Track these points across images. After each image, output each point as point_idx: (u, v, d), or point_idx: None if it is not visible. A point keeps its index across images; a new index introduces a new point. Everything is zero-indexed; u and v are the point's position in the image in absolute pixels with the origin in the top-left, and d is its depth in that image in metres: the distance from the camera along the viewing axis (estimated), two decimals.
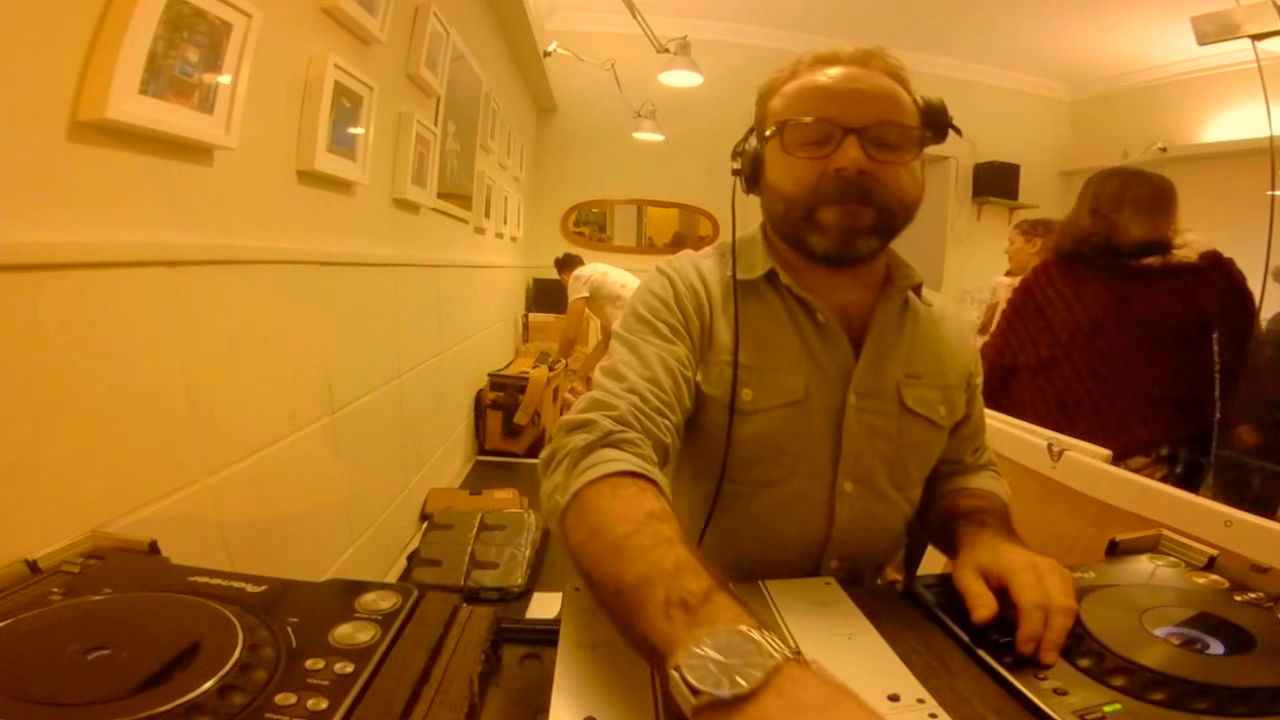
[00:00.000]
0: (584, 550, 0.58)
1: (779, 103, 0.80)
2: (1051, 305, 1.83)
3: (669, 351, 0.78)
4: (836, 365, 0.81)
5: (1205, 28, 1.77)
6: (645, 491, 0.61)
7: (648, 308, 0.82)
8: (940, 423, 0.86)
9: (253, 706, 0.44)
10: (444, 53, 2.25)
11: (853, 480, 0.82)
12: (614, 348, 0.81)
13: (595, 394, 0.74)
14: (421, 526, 2.36)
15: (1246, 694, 0.52)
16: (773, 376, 0.80)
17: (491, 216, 3.37)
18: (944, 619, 0.65)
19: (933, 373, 0.86)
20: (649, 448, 0.70)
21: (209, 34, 1.04)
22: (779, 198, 0.79)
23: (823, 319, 0.81)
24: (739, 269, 0.83)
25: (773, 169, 0.79)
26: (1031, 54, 4.80)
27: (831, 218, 0.75)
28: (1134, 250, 1.71)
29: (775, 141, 0.78)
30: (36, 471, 0.80)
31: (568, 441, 0.68)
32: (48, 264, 0.81)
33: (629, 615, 0.50)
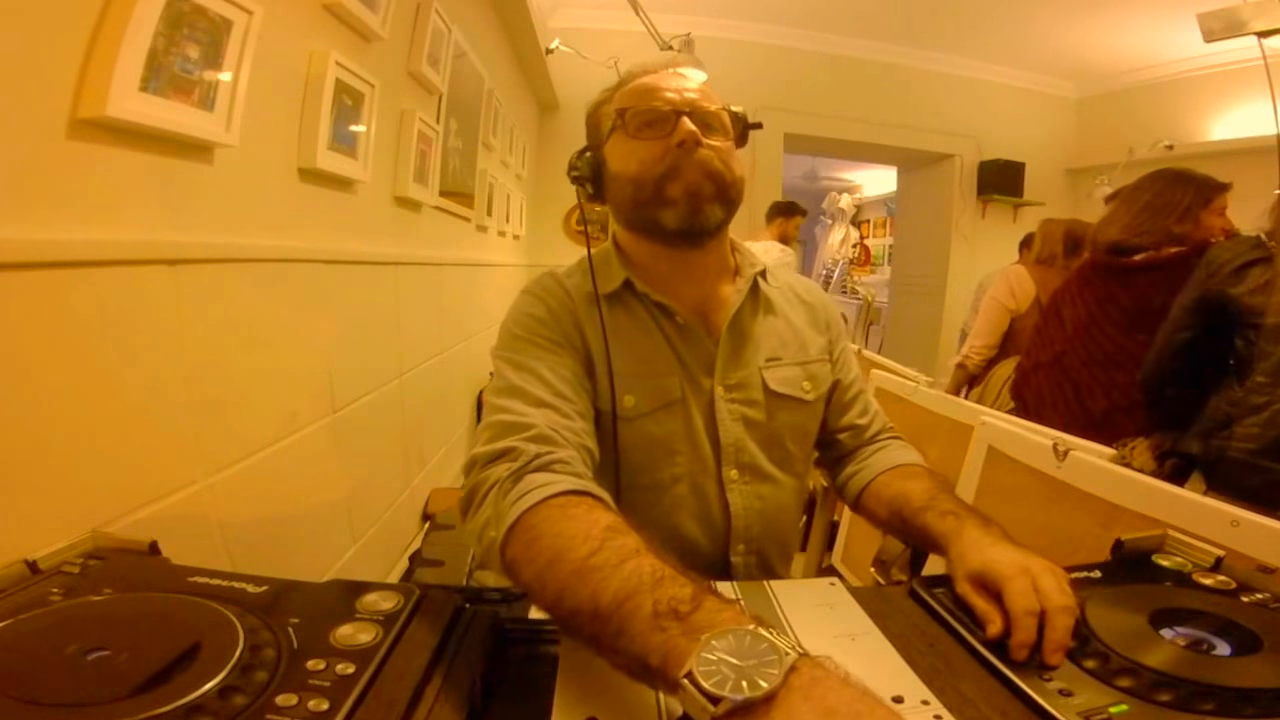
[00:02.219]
0: (544, 581, 0.55)
1: (610, 108, 0.86)
2: (1066, 306, 1.96)
3: (558, 363, 0.79)
4: (700, 362, 0.86)
5: (1211, 25, 1.77)
6: (595, 508, 0.60)
7: (523, 327, 0.83)
8: (806, 398, 0.92)
9: (254, 707, 0.44)
10: (446, 50, 2.25)
11: (736, 467, 0.87)
12: (499, 369, 0.79)
13: (501, 417, 0.71)
14: (423, 526, 2.36)
15: (1253, 695, 0.51)
16: (649, 381, 0.84)
17: (494, 215, 3.37)
18: (948, 620, 0.65)
19: (792, 351, 0.92)
20: (579, 463, 0.68)
21: (209, 31, 1.04)
22: (627, 182, 0.82)
23: (682, 320, 0.86)
24: (599, 282, 0.87)
25: (616, 160, 0.84)
26: (1037, 52, 4.79)
27: (678, 190, 0.80)
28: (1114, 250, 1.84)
29: (616, 135, 0.83)
30: (36, 471, 0.80)
31: (489, 474, 0.66)
32: (47, 263, 0.81)
33: (612, 637, 0.48)
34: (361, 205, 1.77)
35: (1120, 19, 4.05)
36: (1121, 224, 1.84)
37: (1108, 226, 1.89)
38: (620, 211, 0.86)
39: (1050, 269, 2.57)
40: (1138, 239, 1.80)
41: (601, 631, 0.49)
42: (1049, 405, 1.94)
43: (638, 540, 0.54)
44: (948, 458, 1.43)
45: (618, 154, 0.83)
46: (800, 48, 4.82)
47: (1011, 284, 2.58)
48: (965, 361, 2.66)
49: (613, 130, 0.83)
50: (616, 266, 0.89)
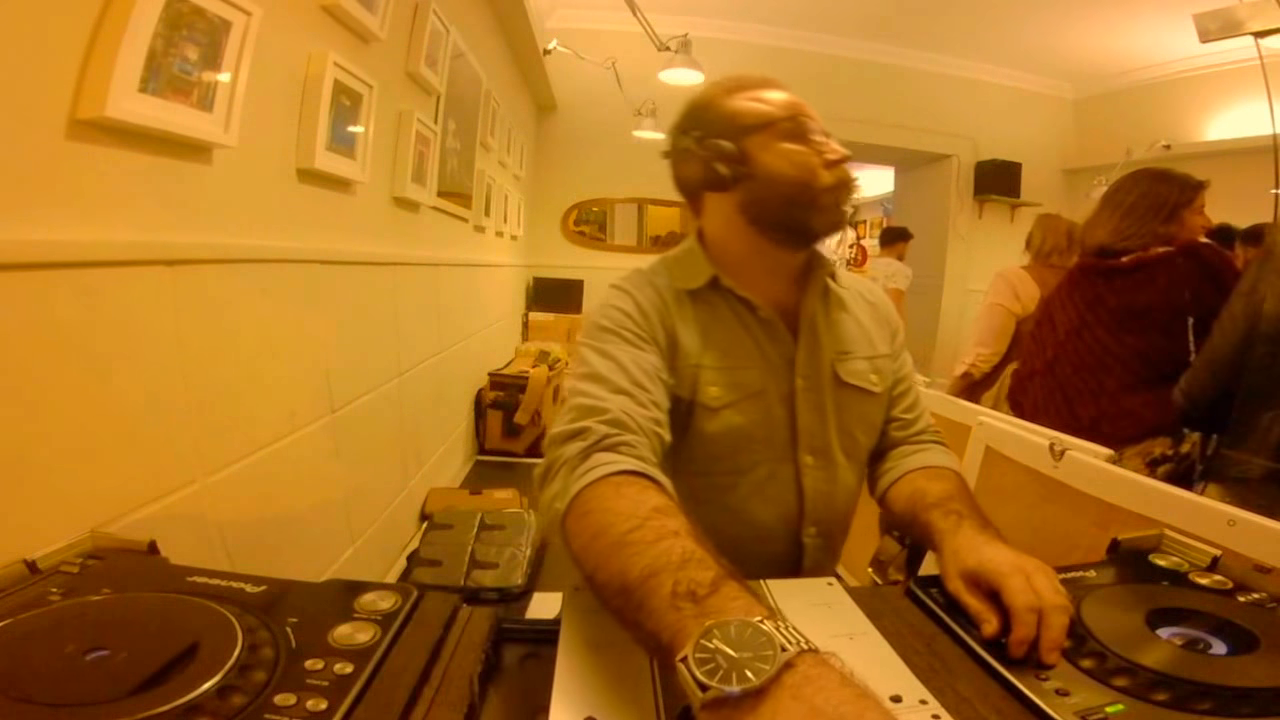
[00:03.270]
0: (587, 552, 0.57)
1: (749, 105, 0.87)
2: (1057, 311, 1.93)
3: (640, 356, 0.82)
4: (781, 355, 0.91)
5: (1208, 25, 1.77)
6: (648, 489, 0.62)
7: (611, 320, 0.85)
8: (873, 389, 0.96)
9: (252, 707, 0.44)
10: (444, 51, 2.25)
11: (811, 454, 0.91)
12: (584, 356, 0.83)
13: (581, 400, 0.75)
14: (421, 526, 2.36)
15: (1249, 694, 0.51)
16: (733, 373, 0.88)
17: (491, 215, 3.37)
18: (945, 619, 0.65)
19: (860, 346, 0.96)
20: (646, 448, 0.71)
21: (208, 32, 1.04)
22: (785, 182, 0.85)
23: (764, 315, 0.90)
24: (681, 280, 0.91)
25: (772, 159, 0.85)
26: (1034, 52, 4.80)
27: (831, 200, 0.86)
28: (1100, 252, 1.81)
29: (764, 135, 0.85)
30: (36, 471, 0.80)
31: (563, 451, 0.69)
32: (47, 263, 0.81)
33: (634, 612, 0.49)
34: (360, 206, 1.77)
35: (1117, 20, 4.06)
36: (1108, 227, 1.82)
37: (1094, 229, 1.87)
38: (757, 206, 0.87)
39: (1049, 269, 2.51)
40: (1125, 242, 1.79)
41: (625, 605, 0.51)
42: (1043, 413, 1.91)
43: (681, 523, 0.56)
44: None
45: (776, 153, 0.85)
46: (797, 48, 4.82)
47: (1014, 286, 2.48)
48: (971, 370, 2.54)
49: (758, 130, 0.85)
50: (703, 263, 0.92)
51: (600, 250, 5.09)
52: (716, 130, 0.86)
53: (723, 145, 0.85)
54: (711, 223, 0.93)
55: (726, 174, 0.85)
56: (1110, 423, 1.75)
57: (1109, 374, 1.78)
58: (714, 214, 0.91)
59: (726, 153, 0.85)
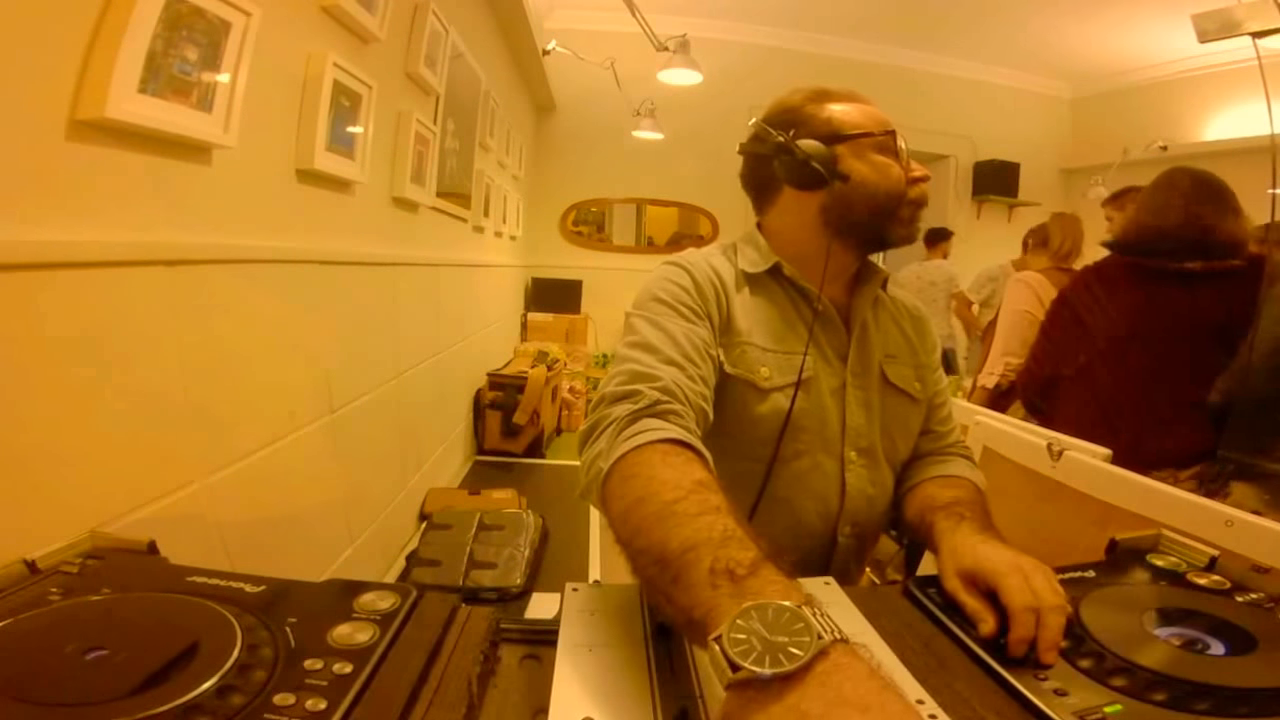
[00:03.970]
0: (627, 517, 0.58)
1: (839, 113, 0.90)
2: (1090, 312, 1.76)
3: (693, 331, 0.83)
4: (834, 348, 0.93)
5: (1206, 25, 1.76)
6: (692, 461, 0.62)
7: (667, 293, 0.87)
8: (917, 396, 0.98)
9: (251, 707, 0.44)
10: (443, 51, 2.25)
11: (856, 450, 0.92)
12: (636, 325, 0.84)
13: (632, 366, 0.76)
14: (420, 526, 2.36)
15: (1247, 695, 0.51)
16: (785, 358, 0.89)
17: (490, 215, 3.37)
18: (943, 619, 0.65)
19: (905, 353, 0.99)
20: (692, 419, 0.72)
21: (208, 32, 1.04)
22: (875, 189, 0.88)
23: (821, 307, 0.91)
24: (745, 262, 0.94)
25: (864, 167, 0.89)
26: (1032, 52, 4.80)
27: (909, 213, 0.90)
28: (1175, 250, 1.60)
29: (860, 145, 0.89)
30: (35, 471, 0.80)
31: (611, 411, 0.70)
32: (46, 263, 0.81)
33: (670, 583, 0.49)
34: (359, 206, 1.77)
35: (1115, 20, 4.06)
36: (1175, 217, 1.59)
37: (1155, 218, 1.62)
38: (841, 209, 0.89)
39: (1065, 272, 2.41)
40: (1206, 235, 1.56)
41: (661, 575, 0.51)
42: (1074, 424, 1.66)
43: (722, 499, 0.56)
44: None
45: (870, 163, 0.89)
46: (795, 49, 4.82)
47: (1038, 294, 2.36)
48: (1001, 381, 2.36)
49: (854, 139, 0.88)
50: (767, 251, 0.94)
51: (599, 250, 5.09)
52: (811, 132, 0.88)
53: (820, 147, 0.87)
54: (782, 218, 0.95)
55: (822, 174, 0.87)
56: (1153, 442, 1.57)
57: (1162, 391, 1.59)
58: (788, 210, 0.93)
59: (823, 155, 0.87)
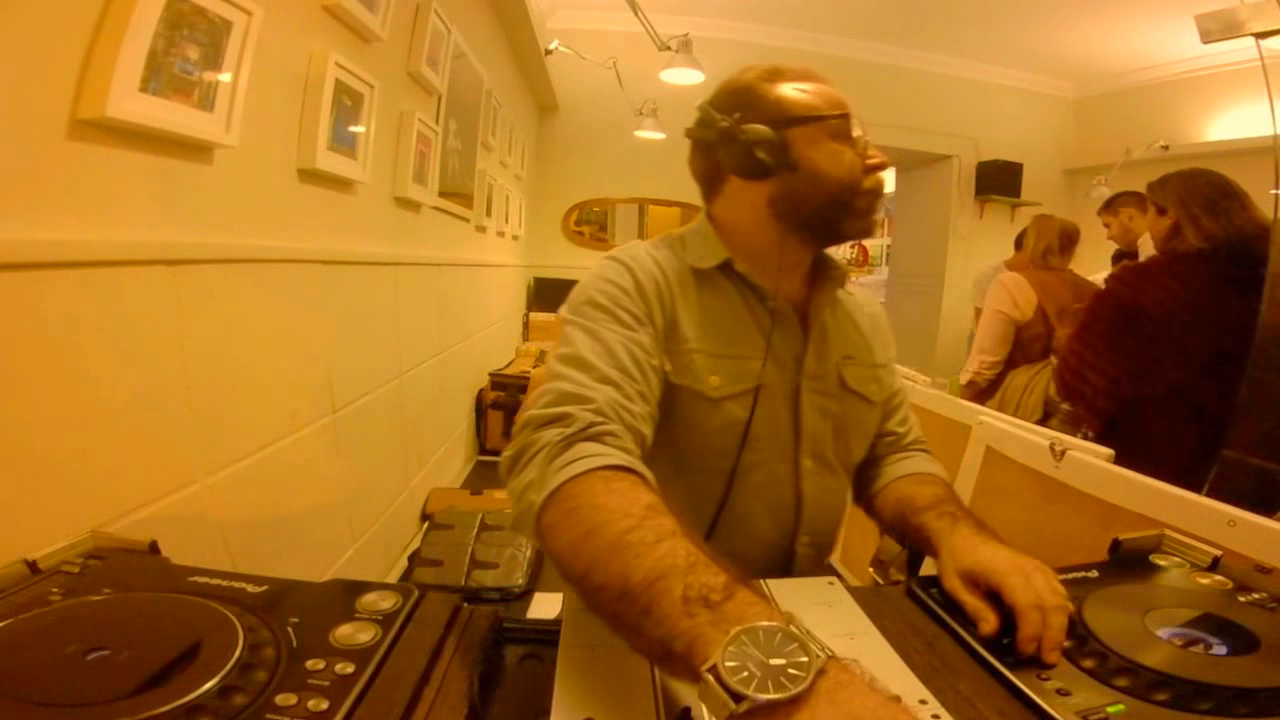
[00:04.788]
0: (577, 551, 0.53)
1: (797, 95, 0.82)
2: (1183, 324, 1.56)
3: (633, 340, 0.76)
4: (789, 350, 0.86)
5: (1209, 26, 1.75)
6: (638, 485, 0.58)
7: (606, 295, 0.79)
8: (874, 399, 0.93)
9: (253, 707, 0.44)
10: (445, 51, 2.25)
11: (811, 458, 0.87)
12: (569, 335, 0.76)
13: (562, 385, 0.69)
14: (422, 526, 2.36)
15: (1250, 695, 0.51)
16: (736, 363, 0.83)
17: (493, 215, 3.37)
18: (946, 619, 0.65)
19: (863, 354, 0.94)
20: (630, 440, 0.67)
21: (209, 32, 1.04)
22: (829, 180, 0.81)
23: (774, 305, 0.85)
24: (692, 257, 0.86)
25: (818, 155, 0.81)
26: (1035, 52, 4.79)
27: (865, 204, 0.83)
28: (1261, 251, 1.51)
29: (811, 130, 0.81)
30: (36, 471, 0.80)
31: (539, 437, 0.64)
32: (47, 263, 0.81)
33: (638, 616, 0.47)
34: (361, 205, 1.77)
35: (1118, 20, 4.05)
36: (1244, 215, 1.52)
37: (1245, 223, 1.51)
38: (791, 200, 0.82)
39: (1048, 271, 2.51)
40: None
41: (628, 610, 0.48)
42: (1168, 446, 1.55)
43: (675, 523, 0.53)
44: (945, 458, 1.42)
45: (822, 150, 0.81)
46: (798, 48, 4.81)
47: (1012, 293, 2.46)
48: (975, 379, 2.50)
49: (805, 123, 0.81)
50: (716, 245, 0.86)
51: (601, 250, 5.07)
52: (759, 116, 0.81)
53: (766, 133, 0.80)
54: (731, 209, 0.88)
55: (768, 163, 0.80)
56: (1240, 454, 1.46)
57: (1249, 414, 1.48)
58: (736, 201, 0.86)
59: (769, 141, 0.80)
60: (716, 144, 0.83)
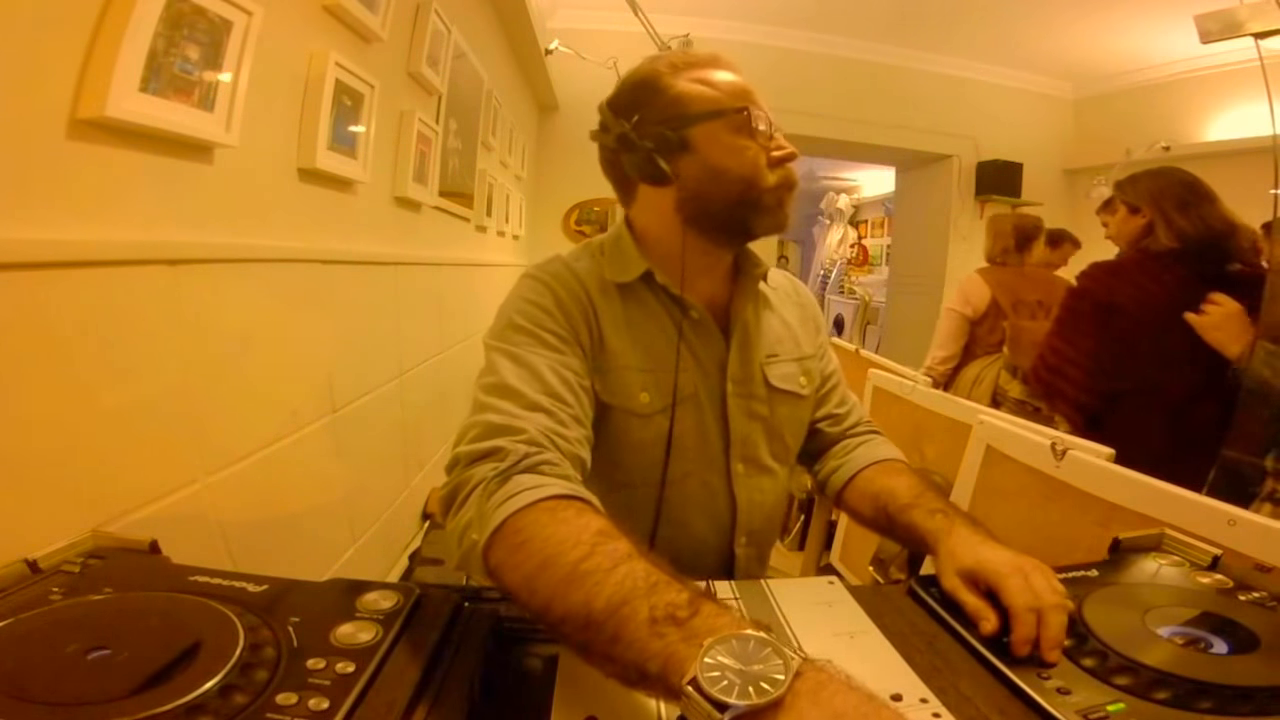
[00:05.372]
0: (532, 586, 0.53)
1: (696, 89, 0.79)
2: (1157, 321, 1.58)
3: (560, 362, 0.75)
4: (712, 358, 0.86)
5: (1208, 26, 1.76)
6: (584, 512, 0.57)
7: (528, 317, 0.77)
8: (803, 393, 0.93)
9: (254, 706, 0.44)
10: (445, 51, 2.25)
11: (742, 461, 0.88)
12: (494, 362, 0.74)
13: (489, 417, 0.67)
14: (423, 526, 2.36)
15: (1250, 693, 0.51)
16: (664, 376, 0.82)
17: (493, 215, 3.37)
18: (947, 618, 0.65)
19: (788, 348, 0.93)
20: (569, 467, 0.66)
21: (209, 31, 1.04)
22: (733, 179, 0.78)
23: (697, 315, 0.85)
24: (611, 271, 0.84)
25: (720, 152, 0.78)
26: (1034, 52, 4.79)
27: (773, 199, 0.80)
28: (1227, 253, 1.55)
29: (715, 125, 0.78)
30: (36, 471, 0.80)
31: (473, 474, 0.63)
32: (47, 263, 0.81)
33: (607, 643, 0.47)
34: (361, 205, 1.77)
35: (1117, 20, 4.05)
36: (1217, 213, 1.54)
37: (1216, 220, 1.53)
38: (696, 203, 0.80)
39: (1005, 269, 2.55)
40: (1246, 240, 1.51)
41: (595, 638, 0.48)
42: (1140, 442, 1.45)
43: (629, 545, 0.53)
44: (945, 457, 1.43)
45: (722, 147, 0.78)
46: (798, 49, 4.82)
47: (966, 291, 2.55)
48: (929, 374, 2.55)
49: (704, 120, 0.78)
50: (635, 256, 0.84)
51: None
52: (658, 115, 0.78)
53: (665, 135, 0.77)
54: (644, 215, 0.86)
55: (666, 170, 0.78)
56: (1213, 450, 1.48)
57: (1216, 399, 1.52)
58: (647, 207, 0.85)
59: (668, 144, 0.77)
60: (618, 150, 0.81)
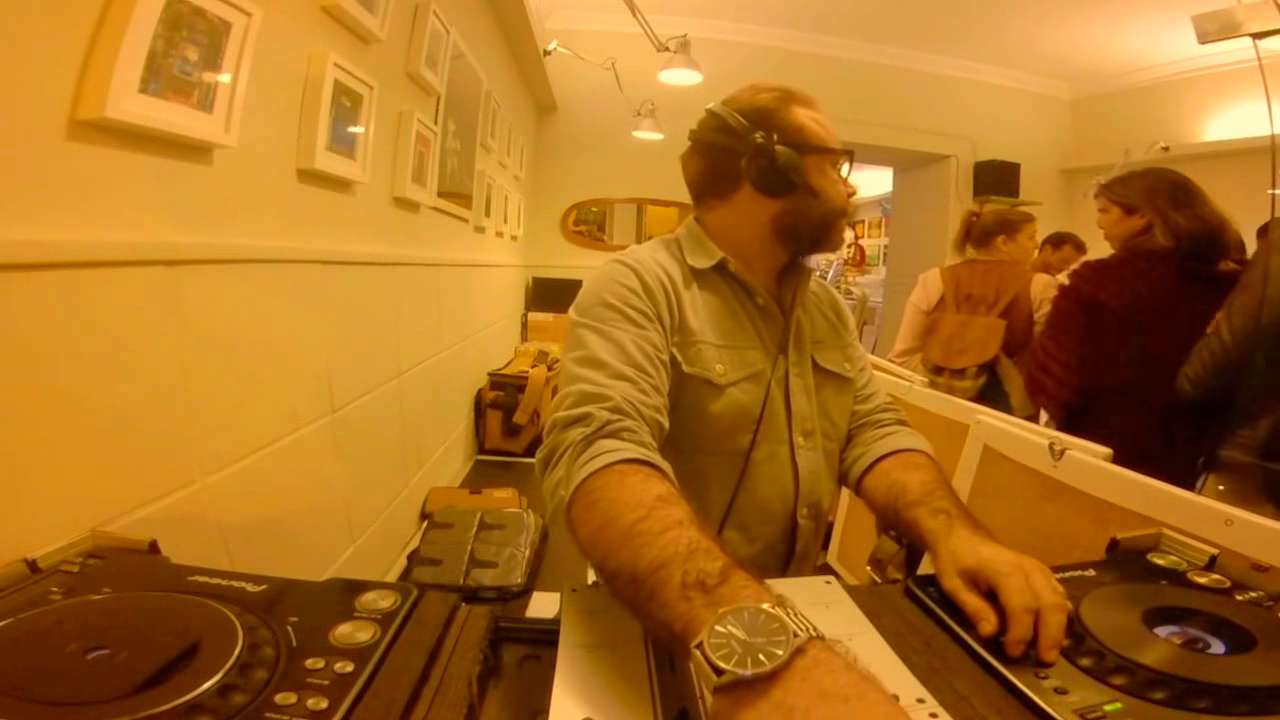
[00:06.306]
0: (595, 541, 0.58)
1: (809, 123, 0.92)
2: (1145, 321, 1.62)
3: (643, 337, 0.82)
4: (774, 339, 0.95)
5: (1206, 26, 1.76)
6: (651, 477, 0.63)
7: (616, 296, 0.85)
8: (847, 375, 1.02)
9: (253, 706, 0.44)
10: (444, 51, 2.25)
11: (802, 435, 0.96)
12: (582, 337, 0.82)
13: (581, 386, 0.75)
14: (421, 525, 2.36)
15: (1247, 693, 0.51)
16: (736, 353, 0.92)
17: (491, 215, 3.37)
18: (944, 618, 0.65)
19: (831, 336, 1.04)
20: (647, 433, 0.72)
21: (208, 33, 1.04)
22: (829, 204, 0.92)
23: (762, 301, 0.95)
24: (693, 258, 0.95)
25: (824, 181, 0.92)
26: (1032, 52, 4.80)
27: (844, 226, 0.96)
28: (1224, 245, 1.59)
29: (821, 159, 0.91)
30: (36, 471, 0.80)
31: (565, 437, 0.70)
32: (47, 263, 0.81)
33: (645, 601, 0.51)
34: (360, 206, 1.77)
35: (1115, 20, 4.06)
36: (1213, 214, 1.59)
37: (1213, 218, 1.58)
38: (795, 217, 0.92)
39: (964, 264, 2.54)
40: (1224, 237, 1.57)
41: (638, 594, 0.52)
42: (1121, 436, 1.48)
43: (684, 512, 0.56)
44: (943, 457, 1.41)
45: (827, 178, 0.92)
46: (796, 49, 4.82)
47: (924, 286, 2.59)
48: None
49: (818, 153, 0.91)
50: (711, 247, 0.96)
51: (600, 250, 5.08)
52: (784, 137, 0.89)
53: (795, 156, 0.88)
54: (732, 217, 0.95)
55: (795, 183, 0.88)
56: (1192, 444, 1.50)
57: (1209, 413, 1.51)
58: (742, 210, 0.93)
59: (797, 165, 0.88)
60: (740, 154, 0.90)
